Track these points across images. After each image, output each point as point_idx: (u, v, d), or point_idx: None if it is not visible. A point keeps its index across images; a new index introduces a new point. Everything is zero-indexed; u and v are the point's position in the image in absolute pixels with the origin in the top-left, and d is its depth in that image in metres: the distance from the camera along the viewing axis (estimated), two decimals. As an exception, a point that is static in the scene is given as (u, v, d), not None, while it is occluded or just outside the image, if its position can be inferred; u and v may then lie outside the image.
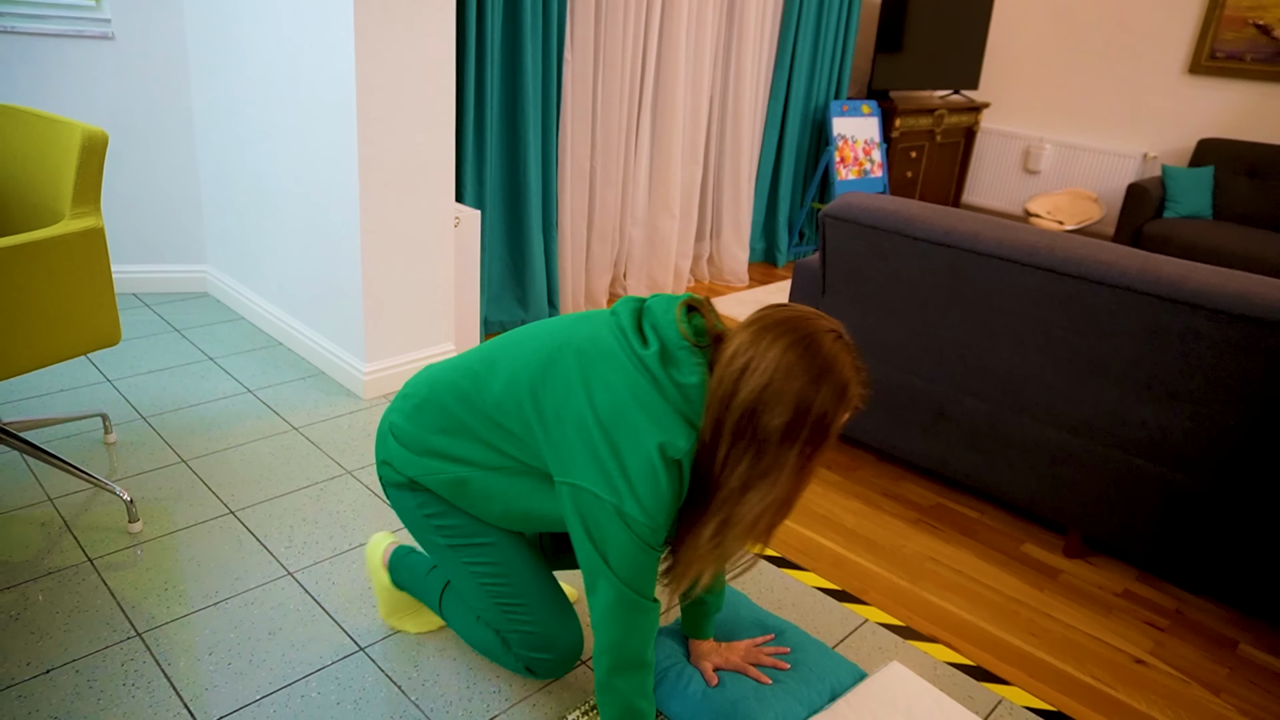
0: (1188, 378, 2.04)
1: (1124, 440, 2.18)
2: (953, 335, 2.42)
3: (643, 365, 1.27)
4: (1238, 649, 2.07)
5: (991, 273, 2.27)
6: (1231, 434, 2.01)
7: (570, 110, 3.49)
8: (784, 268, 4.91)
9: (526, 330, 1.44)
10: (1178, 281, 2.00)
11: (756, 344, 1.20)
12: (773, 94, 4.47)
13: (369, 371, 2.74)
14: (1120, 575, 2.31)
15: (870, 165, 4.87)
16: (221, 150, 3.21)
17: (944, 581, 2.20)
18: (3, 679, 1.57)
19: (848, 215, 2.53)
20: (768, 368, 1.18)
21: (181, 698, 1.57)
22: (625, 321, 1.32)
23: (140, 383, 2.73)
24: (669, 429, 1.23)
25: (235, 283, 3.39)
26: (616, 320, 1.34)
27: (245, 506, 2.15)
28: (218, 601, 1.82)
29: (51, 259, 1.67)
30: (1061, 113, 5.73)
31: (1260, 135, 5.05)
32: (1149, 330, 2.06)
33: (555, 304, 3.73)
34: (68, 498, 2.11)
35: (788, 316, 1.23)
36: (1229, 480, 2.03)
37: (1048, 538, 2.45)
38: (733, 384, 1.20)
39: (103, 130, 1.75)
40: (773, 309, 1.26)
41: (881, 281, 2.52)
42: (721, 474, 1.23)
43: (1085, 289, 2.12)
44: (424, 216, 2.73)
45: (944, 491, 2.63)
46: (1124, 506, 2.22)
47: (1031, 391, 2.31)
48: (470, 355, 1.48)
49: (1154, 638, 2.07)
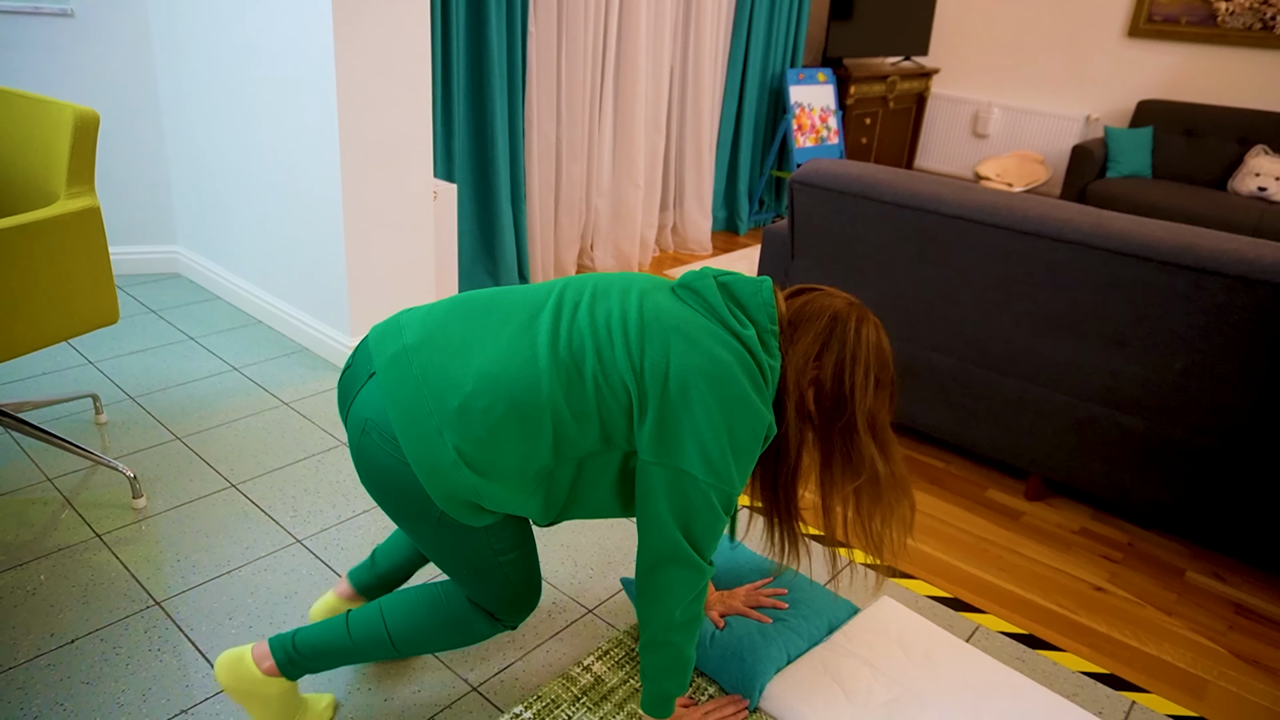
0: (1136, 326, 2.18)
1: (1079, 387, 2.32)
2: (918, 294, 2.54)
3: (747, 348, 1.29)
4: (1184, 576, 2.24)
5: (954, 233, 2.39)
6: (1178, 377, 2.16)
7: (535, 84, 3.53)
8: (746, 235, 5.01)
9: (533, 296, 1.34)
10: (1128, 235, 2.14)
11: (840, 332, 1.34)
12: (731, 63, 4.55)
13: (354, 344, 2.79)
14: (1077, 514, 2.46)
15: (827, 132, 4.98)
16: (191, 129, 3.20)
17: (918, 526, 2.33)
18: (29, 650, 1.62)
19: (815, 181, 2.63)
20: (857, 354, 1.33)
21: (208, 659, 1.64)
22: (715, 300, 1.31)
23: (124, 364, 2.74)
24: (769, 411, 1.30)
25: (208, 262, 3.38)
26: (702, 298, 1.32)
27: (246, 479, 2.20)
28: (231, 570, 1.88)
29: (51, 239, 1.69)
30: (1008, 77, 5.90)
31: (1195, 96, 5.26)
32: (1101, 282, 2.19)
33: (525, 275, 3.79)
34: (66, 477, 2.14)
35: (840, 303, 1.38)
36: (1175, 421, 2.19)
37: (1010, 483, 2.60)
38: (834, 369, 1.34)
39: (94, 110, 1.77)
40: (817, 293, 1.40)
41: (848, 244, 2.63)
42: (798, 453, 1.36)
43: (1042, 245, 2.25)
44: (404, 191, 2.77)
45: (912, 445, 2.77)
46: (1080, 450, 2.37)
47: (993, 345, 2.44)
48: (465, 330, 1.31)
49: (1109, 569, 2.23)
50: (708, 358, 1.25)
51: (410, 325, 1.32)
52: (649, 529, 1.28)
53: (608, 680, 1.63)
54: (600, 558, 2.05)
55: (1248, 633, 2.03)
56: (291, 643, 1.42)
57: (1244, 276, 1.98)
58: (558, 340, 1.27)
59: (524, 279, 3.78)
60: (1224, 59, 5.12)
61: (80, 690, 1.54)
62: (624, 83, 3.94)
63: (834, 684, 1.58)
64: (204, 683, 1.59)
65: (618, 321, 1.28)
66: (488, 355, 1.26)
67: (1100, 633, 1.99)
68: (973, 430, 2.57)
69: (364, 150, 2.61)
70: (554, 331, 1.28)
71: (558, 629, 1.80)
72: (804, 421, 1.36)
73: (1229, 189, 4.86)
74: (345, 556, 1.96)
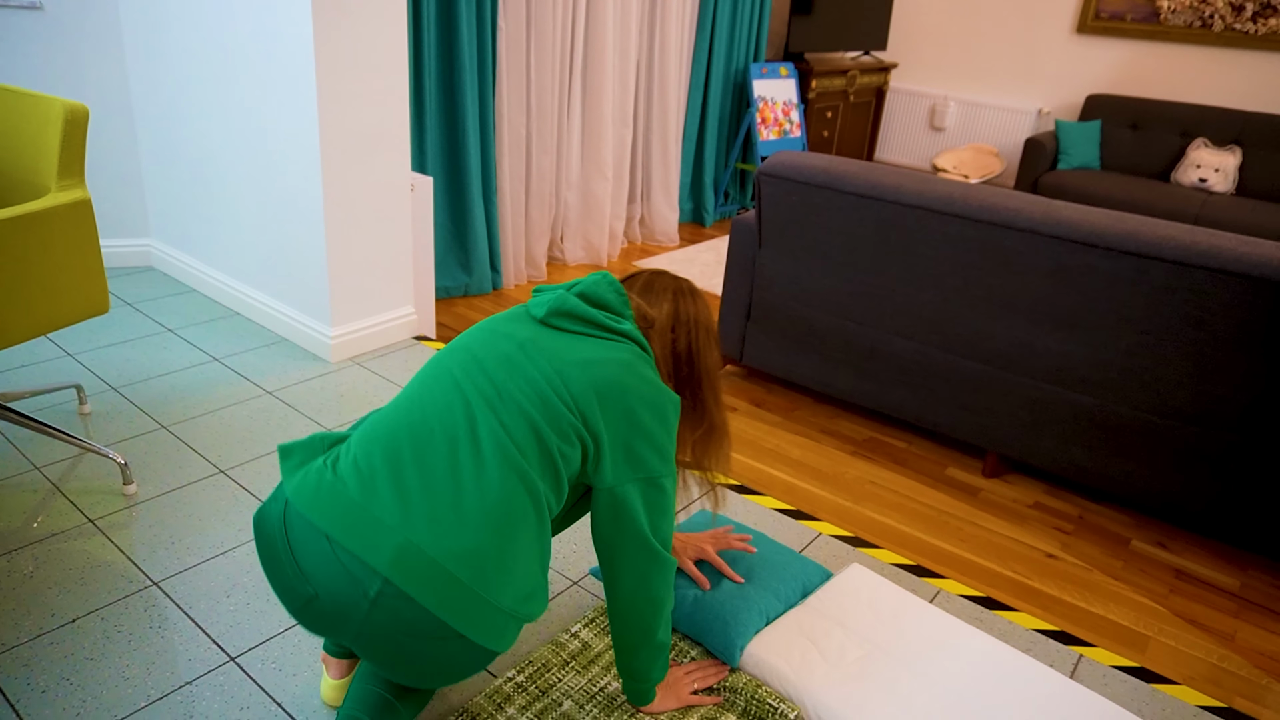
0: (1085, 309, 2.31)
1: (1033, 368, 2.46)
2: (880, 280, 2.65)
3: (632, 339, 1.39)
4: (1130, 545, 2.38)
5: (914, 222, 2.51)
6: (1123, 356, 2.30)
7: (505, 78, 3.59)
8: (711, 227, 5.11)
9: (445, 418, 1.28)
10: (1075, 224, 2.27)
11: (682, 304, 1.50)
12: (695, 58, 4.64)
13: (335, 335, 2.84)
14: (1031, 490, 2.60)
15: (790, 125, 5.10)
16: (164, 123, 3.22)
17: (883, 501, 2.45)
18: (31, 629, 1.67)
19: (782, 173, 2.74)
20: (700, 320, 1.50)
21: (208, 635, 1.69)
22: (586, 312, 1.36)
23: (103, 355, 2.76)
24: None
25: (183, 255, 3.40)
26: (575, 317, 1.36)
27: (234, 465, 2.25)
28: (225, 551, 1.93)
29: (44, 230, 1.73)
30: (963, 72, 6.06)
31: (1141, 90, 5.46)
32: (1052, 268, 2.32)
33: (497, 268, 3.85)
34: (53, 466, 2.17)
35: (671, 280, 1.54)
36: (1121, 398, 2.32)
37: (969, 461, 2.72)
38: (685, 340, 1.48)
39: (83, 104, 1.81)
40: (653, 274, 1.54)
41: (814, 233, 2.74)
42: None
43: (997, 233, 2.38)
44: (383, 183, 2.83)
45: (875, 426, 2.89)
46: (1033, 428, 2.51)
47: (952, 328, 2.56)
48: (433, 488, 1.23)
49: (1061, 539, 2.36)
50: (621, 367, 1.32)
51: (370, 500, 1.20)
52: (627, 548, 1.34)
53: (594, 646, 1.71)
54: (582, 534, 2.14)
55: (1187, 595, 2.17)
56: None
57: (1181, 261, 2.12)
58: (511, 447, 1.25)
59: (496, 271, 3.84)
60: (1167, 55, 5.33)
61: (85, 666, 1.60)
62: (591, 77, 4.01)
63: (809, 643, 1.69)
64: (206, 656, 1.65)
65: (539, 393, 1.28)
66: (482, 507, 1.21)
67: (1051, 595, 2.12)
68: (933, 411, 2.69)
69: (344, 143, 2.66)
70: (503, 442, 1.24)
71: (544, 602, 1.89)
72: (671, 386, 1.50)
73: (1172, 180, 5.06)
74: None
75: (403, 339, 3.07)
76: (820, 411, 2.95)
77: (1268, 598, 2.20)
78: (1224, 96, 5.21)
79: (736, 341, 3.07)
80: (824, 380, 2.89)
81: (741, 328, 3.04)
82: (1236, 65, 5.13)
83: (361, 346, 2.93)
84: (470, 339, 1.37)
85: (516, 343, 1.33)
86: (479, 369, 1.30)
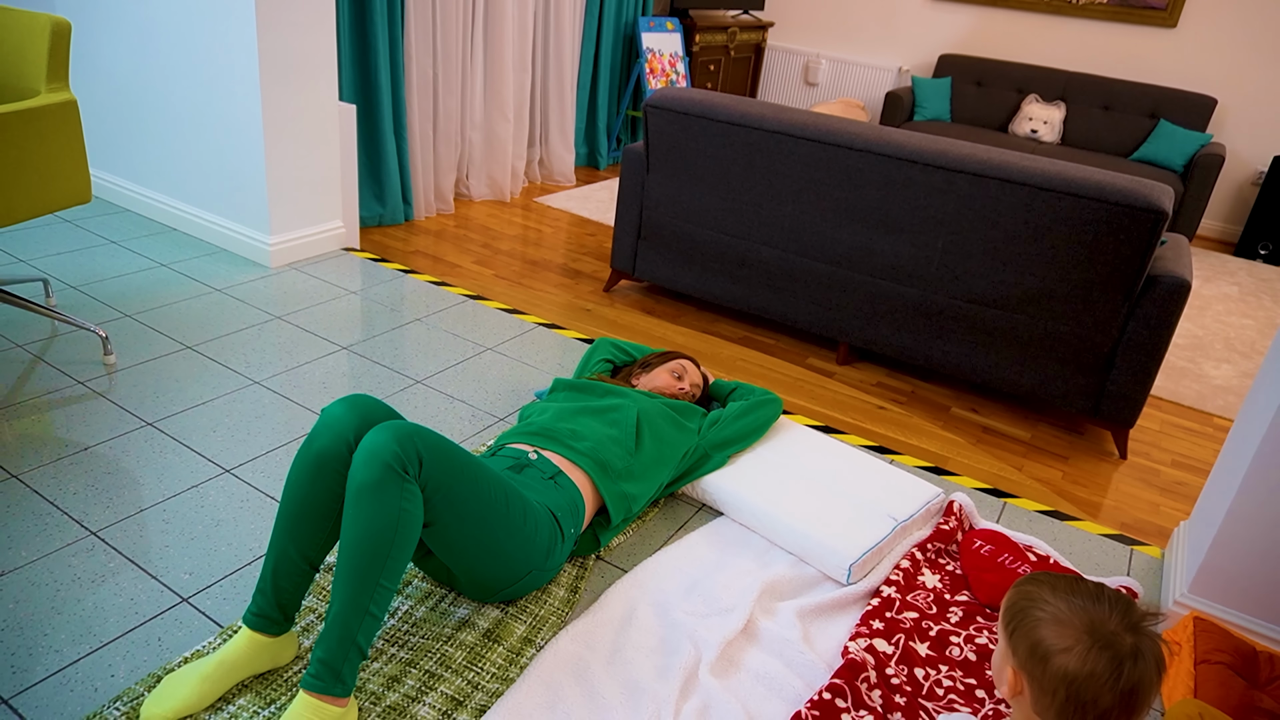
0: (909, 215, 2.86)
1: (871, 267, 3.00)
2: (749, 197, 3.15)
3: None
4: (950, 410, 2.96)
5: (774, 145, 3.01)
6: (939, 254, 2.86)
7: (413, 19, 3.92)
8: (605, 170, 5.54)
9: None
10: (901, 144, 2.80)
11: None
12: (588, 10, 5.03)
13: (274, 242, 3.17)
14: (875, 373, 3.16)
15: (676, 76, 5.55)
16: (94, 51, 3.43)
17: (751, 374, 2.96)
18: (51, 454, 2.00)
19: (666, 105, 3.19)
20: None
21: (205, 457, 2.07)
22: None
23: (57, 261, 3.03)
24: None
25: (115, 177, 3.63)
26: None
27: (199, 343, 2.61)
28: (205, 402, 2.34)
29: (40, 124, 2.04)
30: (833, 33, 6.64)
31: (984, 51, 6.15)
32: (883, 181, 2.86)
33: (409, 200, 4.18)
34: (33, 344, 2.50)
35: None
36: (939, 289, 2.89)
37: (825, 353, 3.27)
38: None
39: (65, 19, 2.11)
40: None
41: (693, 158, 3.21)
42: None
43: (841, 154, 2.90)
44: (314, 107, 3.15)
45: (748, 327, 3.40)
46: (873, 318, 3.06)
47: (807, 237, 3.08)
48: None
49: (896, 403, 2.93)
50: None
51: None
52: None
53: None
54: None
55: (989, 443, 2.76)
56: (323, 666, 1.37)
57: (978, 173, 2.68)
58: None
59: (408, 204, 4.17)
60: (1006, 20, 6.02)
61: (105, 479, 1.97)
62: (493, 24, 4.36)
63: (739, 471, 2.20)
64: (203, 469, 2.03)
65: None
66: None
67: (878, 431, 2.68)
68: (794, 309, 3.21)
69: (280, 68, 2.98)
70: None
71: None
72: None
73: (1009, 131, 5.77)
74: (298, 393, 2.41)
75: (333, 249, 3.42)
76: (702, 317, 3.45)
77: (1049, 444, 2.81)
78: (1052, 58, 5.94)
79: (629, 258, 3.53)
80: (703, 288, 3.38)
81: (633, 245, 3.50)
82: (1063, 30, 5.85)
83: (297, 255, 3.27)
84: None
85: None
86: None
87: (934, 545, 2.00)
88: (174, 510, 1.90)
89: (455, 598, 1.73)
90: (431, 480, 1.43)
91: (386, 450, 1.38)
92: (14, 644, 1.52)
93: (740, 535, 2.02)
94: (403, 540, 1.38)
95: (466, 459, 1.51)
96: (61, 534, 1.79)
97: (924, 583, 1.87)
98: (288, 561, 1.47)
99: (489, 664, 1.58)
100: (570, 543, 1.76)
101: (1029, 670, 1.04)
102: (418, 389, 2.54)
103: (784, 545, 1.97)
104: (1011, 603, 1.10)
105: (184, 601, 1.66)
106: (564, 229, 4.29)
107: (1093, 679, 0.98)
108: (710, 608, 1.74)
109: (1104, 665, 0.98)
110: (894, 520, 2.00)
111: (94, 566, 1.71)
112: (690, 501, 2.18)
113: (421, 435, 1.43)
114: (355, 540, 1.36)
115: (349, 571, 1.36)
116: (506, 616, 1.69)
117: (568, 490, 1.77)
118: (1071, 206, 2.57)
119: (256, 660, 1.48)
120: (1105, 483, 2.59)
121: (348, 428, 1.47)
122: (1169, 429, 2.99)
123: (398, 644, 1.60)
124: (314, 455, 1.47)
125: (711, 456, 2.18)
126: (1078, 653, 0.99)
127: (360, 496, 1.37)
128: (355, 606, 1.35)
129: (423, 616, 1.67)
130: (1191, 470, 2.73)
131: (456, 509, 1.47)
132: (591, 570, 1.88)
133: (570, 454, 1.85)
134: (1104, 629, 1.00)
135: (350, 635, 1.35)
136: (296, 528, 1.47)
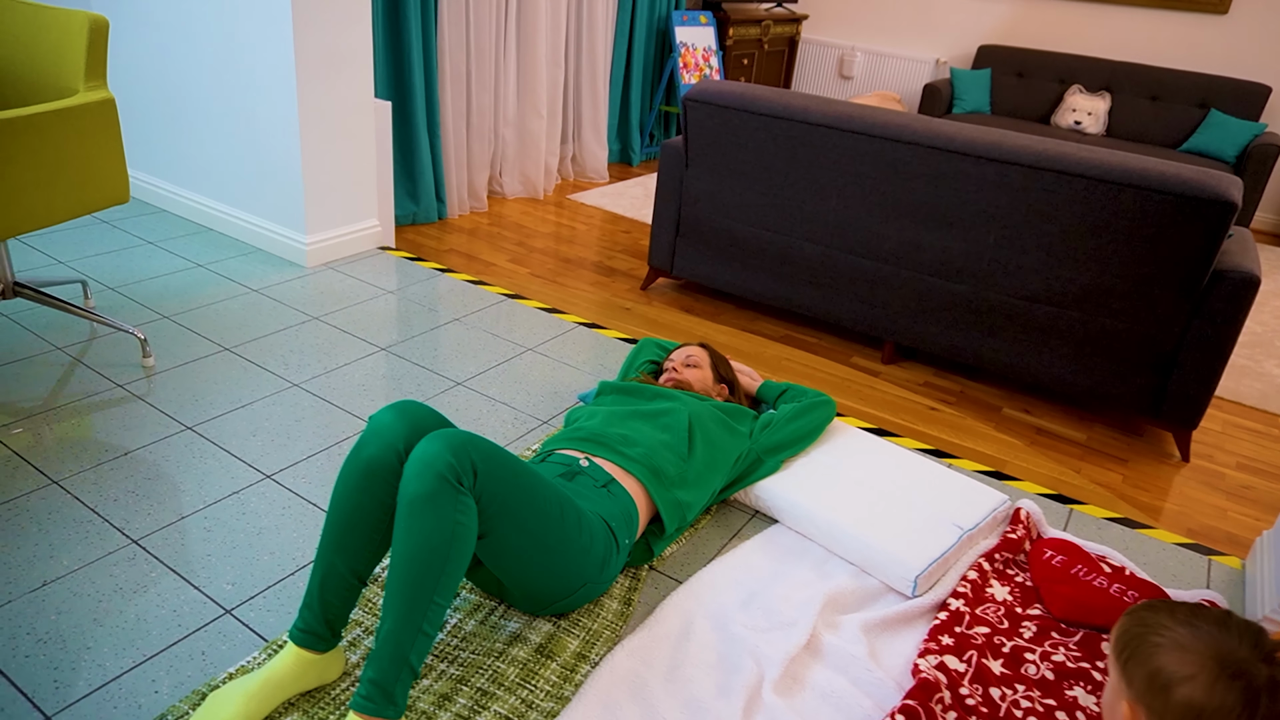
0: (959, 209, 2.77)
1: (918, 263, 2.91)
2: (791, 192, 3.07)
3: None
4: (1001, 411, 2.87)
5: (819, 139, 2.92)
6: (991, 249, 2.76)
7: (446, 16, 3.87)
8: (639, 166, 5.47)
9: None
10: (951, 136, 2.71)
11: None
12: (621, 5, 4.96)
13: (310, 242, 3.13)
14: (922, 372, 3.07)
15: (709, 71, 5.47)
16: (129, 49, 3.41)
17: (795, 373, 2.89)
18: (93, 459, 1.97)
19: (705, 98, 3.11)
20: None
21: (243, 461, 2.03)
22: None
23: (93, 263, 3.01)
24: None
25: (150, 177, 3.61)
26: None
27: (237, 344, 2.58)
28: (245, 405, 2.30)
29: (79, 123, 2.00)
30: (869, 24, 6.52)
31: (1025, 41, 6.00)
32: (932, 175, 2.76)
33: (443, 198, 4.13)
34: (72, 347, 2.48)
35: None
36: (991, 285, 2.79)
37: (870, 352, 3.18)
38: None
39: (103, 16, 2.07)
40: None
41: (733, 152, 3.13)
42: None
43: (887, 146, 2.80)
44: (350, 104, 3.11)
45: (790, 325, 3.32)
46: (921, 316, 2.96)
47: (852, 232, 3.00)
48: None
49: (946, 404, 2.84)
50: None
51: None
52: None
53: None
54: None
55: (1043, 445, 2.67)
56: (374, 686, 1.30)
57: (1033, 165, 2.58)
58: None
59: (441, 202, 4.13)
60: (1048, 10, 5.87)
61: (145, 485, 1.94)
62: (526, 20, 4.30)
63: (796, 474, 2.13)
64: (243, 474, 1.98)
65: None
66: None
67: (931, 434, 2.60)
68: (838, 307, 3.13)
69: (316, 64, 2.94)
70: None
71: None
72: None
73: (1051, 123, 5.63)
74: (338, 395, 2.36)
75: (369, 248, 3.38)
76: (742, 315, 3.37)
77: (1107, 446, 2.70)
78: (1097, 47, 5.79)
79: (667, 255, 3.45)
80: (744, 285, 3.30)
81: (671, 243, 3.43)
82: (1108, 19, 5.70)
83: (333, 254, 3.23)
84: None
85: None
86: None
87: (1002, 555, 1.91)
88: (215, 517, 1.85)
89: (506, 610, 1.67)
90: (486, 491, 1.37)
91: (440, 461, 1.32)
92: (57, 657, 1.48)
93: (797, 544, 1.95)
94: (457, 555, 1.32)
95: (520, 468, 1.44)
96: (103, 542, 1.75)
97: (993, 595, 1.79)
98: (335, 576, 1.42)
99: (543, 681, 1.52)
100: (625, 554, 1.70)
101: (1146, 702, 0.96)
102: (459, 391, 2.48)
103: (844, 555, 1.89)
104: (1124, 629, 1.02)
105: (227, 614, 1.61)
106: (598, 226, 4.23)
107: (1222, 712, 0.90)
108: (771, 621, 1.67)
109: (1235, 698, 0.90)
110: (959, 529, 1.91)
111: (136, 576, 1.67)
112: (743, 508, 2.10)
113: (475, 445, 1.37)
114: (408, 556, 1.30)
115: (401, 588, 1.30)
116: (559, 630, 1.63)
117: (621, 499, 1.71)
118: (1133, 198, 2.46)
119: (304, 678, 1.43)
120: (1167, 486, 2.49)
121: (397, 436, 1.42)
122: (1231, 430, 2.88)
123: (448, 660, 1.54)
124: (363, 465, 1.41)
125: (764, 461, 2.10)
126: (1203, 682, 0.91)
127: (413, 509, 1.31)
128: (408, 625, 1.29)
129: (473, 630, 1.61)
130: (1258, 474, 2.62)
131: (511, 521, 1.41)
132: (644, 581, 1.81)
133: (623, 460, 1.79)
134: (1233, 657, 0.92)
135: (403, 655, 1.30)
136: (344, 541, 1.42)
